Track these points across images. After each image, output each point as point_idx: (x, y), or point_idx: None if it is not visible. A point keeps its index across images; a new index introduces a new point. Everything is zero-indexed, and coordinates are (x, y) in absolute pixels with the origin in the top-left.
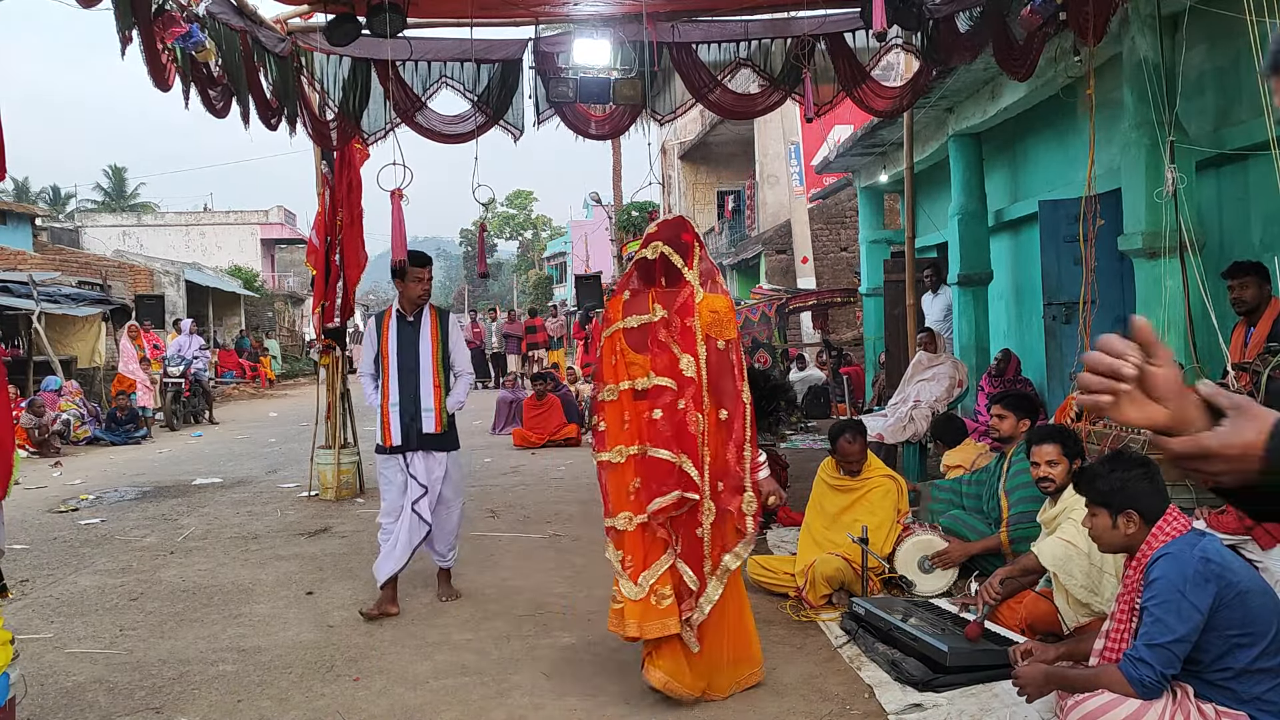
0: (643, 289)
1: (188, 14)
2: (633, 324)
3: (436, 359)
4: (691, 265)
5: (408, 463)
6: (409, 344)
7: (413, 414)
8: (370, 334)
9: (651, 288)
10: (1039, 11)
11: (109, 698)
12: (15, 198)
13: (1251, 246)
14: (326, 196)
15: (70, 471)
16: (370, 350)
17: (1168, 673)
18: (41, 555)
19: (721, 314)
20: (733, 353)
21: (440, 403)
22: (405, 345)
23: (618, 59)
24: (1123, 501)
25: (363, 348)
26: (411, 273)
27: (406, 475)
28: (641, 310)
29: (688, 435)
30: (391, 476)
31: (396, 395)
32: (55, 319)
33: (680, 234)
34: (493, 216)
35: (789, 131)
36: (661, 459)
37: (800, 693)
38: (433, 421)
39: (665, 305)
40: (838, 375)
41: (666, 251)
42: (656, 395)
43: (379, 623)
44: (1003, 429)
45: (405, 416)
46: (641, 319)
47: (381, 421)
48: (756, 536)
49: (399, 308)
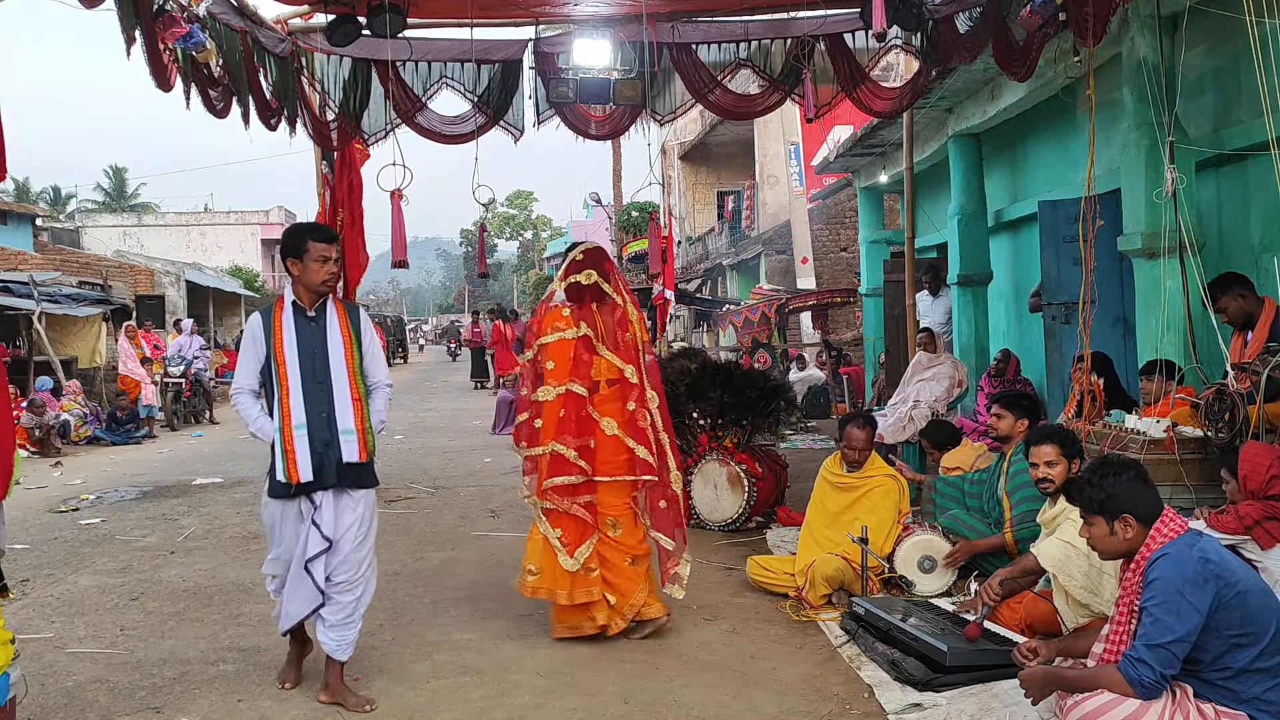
0: (580, 306)
1: (188, 14)
2: (583, 332)
3: (352, 365)
4: (618, 288)
5: (316, 505)
6: (313, 347)
7: (327, 439)
8: (254, 335)
9: (587, 305)
10: (1039, 12)
11: (109, 698)
12: (16, 198)
13: (1251, 247)
14: (327, 196)
15: (71, 471)
16: (254, 358)
17: (1167, 673)
18: (42, 555)
19: (644, 320)
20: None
21: (364, 422)
22: (308, 348)
23: (618, 59)
24: (1117, 507)
25: (241, 354)
26: (314, 249)
27: (310, 524)
28: (587, 321)
29: (638, 428)
30: (288, 527)
31: (302, 415)
32: (56, 319)
33: (603, 263)
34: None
35: (789, 132)
36: (600, 450)
37: (800, 692)
38: (355, 447)
39: (602, 322)
40: (837, 375)
41: (598, 279)
42: (596, 398)
43: (379, 623)
44: (1000, 428)
45: (317, 442)
46: (585, 331)
47: (284, 450)
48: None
49: (295, 299)
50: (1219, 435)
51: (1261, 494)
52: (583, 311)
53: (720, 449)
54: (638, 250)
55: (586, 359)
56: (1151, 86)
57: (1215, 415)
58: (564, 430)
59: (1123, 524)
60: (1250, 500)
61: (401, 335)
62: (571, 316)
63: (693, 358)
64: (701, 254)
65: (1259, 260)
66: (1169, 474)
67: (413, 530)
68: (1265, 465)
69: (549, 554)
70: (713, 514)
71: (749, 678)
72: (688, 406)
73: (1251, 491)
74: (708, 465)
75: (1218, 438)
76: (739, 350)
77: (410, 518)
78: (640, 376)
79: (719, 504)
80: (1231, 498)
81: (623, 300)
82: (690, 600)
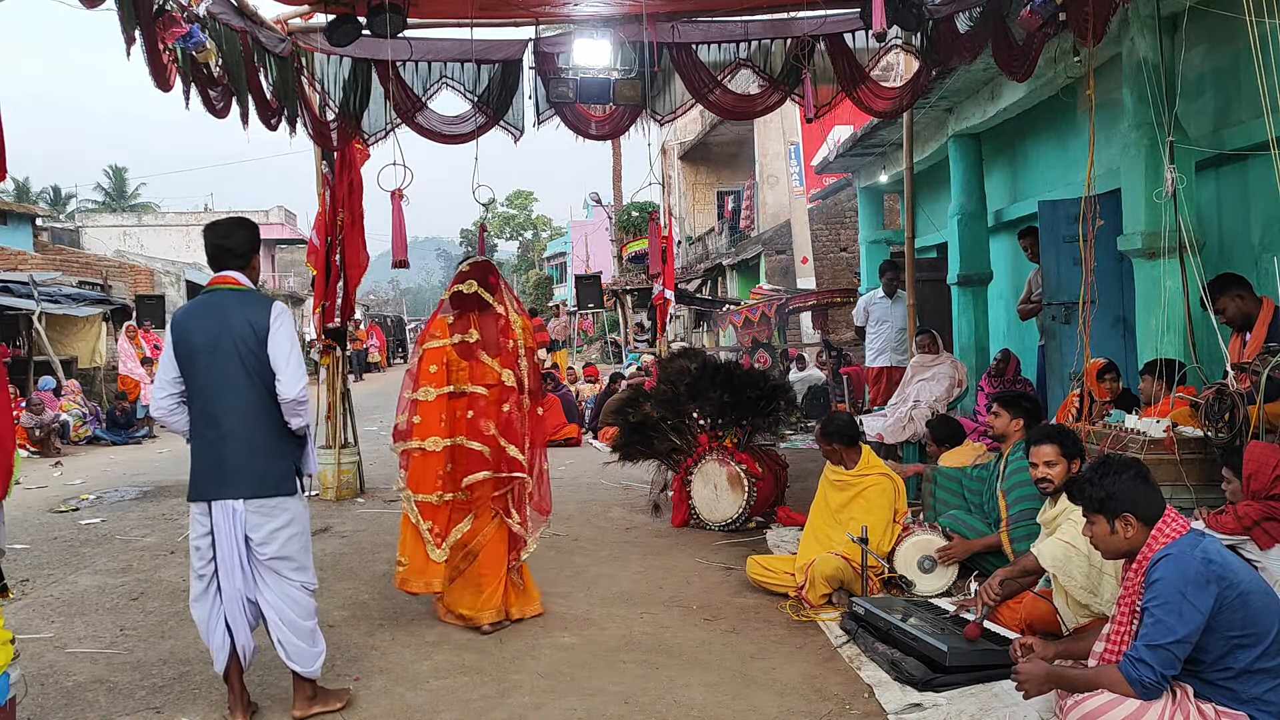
0: (463, 314)
1: (188, 14)
2: (458, 340)
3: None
4: (501, 299)
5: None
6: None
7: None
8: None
9: (470, 313)
10: (1038, 12)
11: (109, 698)
12: (16, 198)
13: (1251, 247)
14: (327, 196)
15: (70, 471)
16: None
17: (1167, 673)
18: (42, 555)
19: (530, 329)
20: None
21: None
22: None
23: (618, 59)
24: (1118, 506)
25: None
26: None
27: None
28: (464, 330)
29: (513, 430)
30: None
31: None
32: (56, 319)
33: (488, 275)
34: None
35: (789, 131)
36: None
37: (800, 692)
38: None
39: (482, 330)
40: (838, 375)
41: (480, 290)
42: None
43: (379, 623)
44: (996, 426)
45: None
46: (464, 337)
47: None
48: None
49: None
50: (1219, 435)
51: (1265, 494)
52: (464, 320)
53: (720, 449)
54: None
55: (463, 364)
56: (1151, 86)
57: (1215, 415)
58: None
59: (1123, 523)
60: (1252, 500)
61: (401, 335)
62: (454, 325)
63: (693, 358)
64: (701, 254)
65: (1259, 260)
66: (1169, 474)
67: None
68: (1271, 466)
69: (419, 545)
70: (713, 514)
71: (749, 678)
72: (688, 406)
73: (1254, 491)
74: (708, 465)
75: (1218, 438)
76: (739, 350)
77: None
78: (517, 381)
79: (719, 504)
80: (1232, 497)
81: (504, 310)
82: (690, 600)
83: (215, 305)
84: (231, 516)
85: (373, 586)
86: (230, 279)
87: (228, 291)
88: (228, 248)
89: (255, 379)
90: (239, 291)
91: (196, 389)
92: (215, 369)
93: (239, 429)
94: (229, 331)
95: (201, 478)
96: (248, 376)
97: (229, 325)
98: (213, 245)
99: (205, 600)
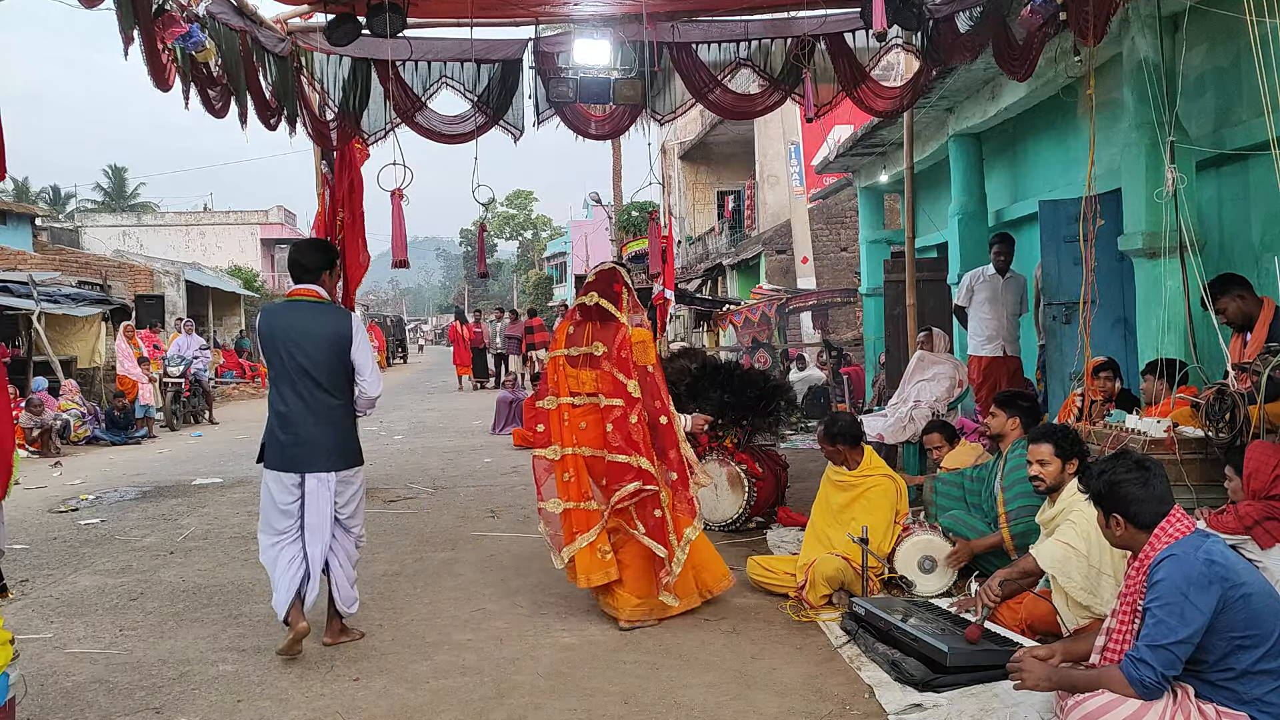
0: (582, 324)
1: (188, 14)
2: (573, 353)
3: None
4: (622, 309)
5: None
6: None
7: None
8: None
9: (589, 323)
10: (1039, 11)
11: (109, 698)
12: (15, 198)
13: (1251, 247)
14: (326, 196)
15: (70, 471)
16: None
17: (1169, 674)
18: (41, 555)
19: (644, 343)
20: (656, 373)
21: None
22: None
23: (618, 59)
24: (1109, 504)
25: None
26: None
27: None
28: (579, 343)
29: (637, 441)
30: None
31: None
32: (55, 319)
33: (612, 285)
34: (493, 216)
35: (789, 131)
36: (618, 461)
37: (800, 693)
38: None
39: (604, 341)
40: (838, 375)
41: (602, 302)
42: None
43: (379, 623)
44: (992, 425)
45: None
46: (579, 350)
47: None
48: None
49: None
50: (1220, 435)
51: (1265, 494)
52: (581, 329)
53: (720, 449)
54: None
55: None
56: (1152, 86)
57: (1216, 415)
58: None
59: (1114, 521)
60: (1252, 500)
61: (401, 335)
62: (574, 335)
63: (693, 358)
64: (701, 254)
65: (1260, 260)
66: (1170, 474)
67: (413, 530)
68: (1271, 466)
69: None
70: (713, 514)
71: (749, 678)
72: (688, 407)
73: (1255, 491)
74: (708, 465)
75: (1219, 438)
76: (739, 350)
77: (410, 518)
78: (644, 390)
79: (719, 504)
80: (1233, 496)
81: (625, 321)
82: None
83: (297, 311)
84: (327, 485)
85: (372, 587)
86: (310, 291)
87: (306, 302)
88: (301, 264)
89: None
90: (317, 303)
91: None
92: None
93: (325, 415)
94: (313, 334)
95: (296, 454)
96: (330, 374)
97: (313, 329)
98: (291, 260)
99: (274, 552)
